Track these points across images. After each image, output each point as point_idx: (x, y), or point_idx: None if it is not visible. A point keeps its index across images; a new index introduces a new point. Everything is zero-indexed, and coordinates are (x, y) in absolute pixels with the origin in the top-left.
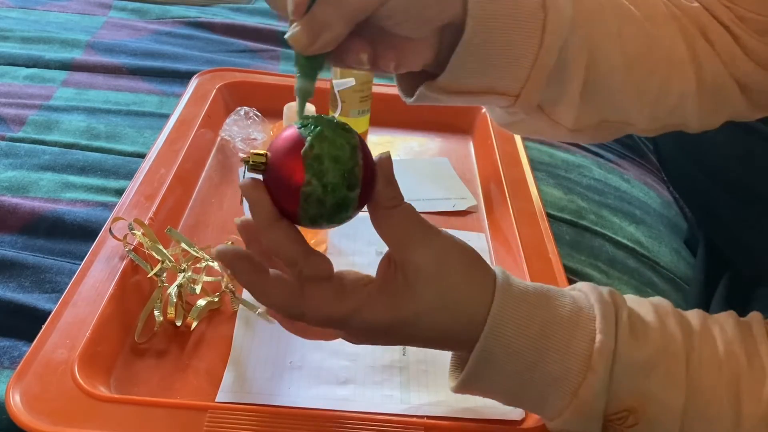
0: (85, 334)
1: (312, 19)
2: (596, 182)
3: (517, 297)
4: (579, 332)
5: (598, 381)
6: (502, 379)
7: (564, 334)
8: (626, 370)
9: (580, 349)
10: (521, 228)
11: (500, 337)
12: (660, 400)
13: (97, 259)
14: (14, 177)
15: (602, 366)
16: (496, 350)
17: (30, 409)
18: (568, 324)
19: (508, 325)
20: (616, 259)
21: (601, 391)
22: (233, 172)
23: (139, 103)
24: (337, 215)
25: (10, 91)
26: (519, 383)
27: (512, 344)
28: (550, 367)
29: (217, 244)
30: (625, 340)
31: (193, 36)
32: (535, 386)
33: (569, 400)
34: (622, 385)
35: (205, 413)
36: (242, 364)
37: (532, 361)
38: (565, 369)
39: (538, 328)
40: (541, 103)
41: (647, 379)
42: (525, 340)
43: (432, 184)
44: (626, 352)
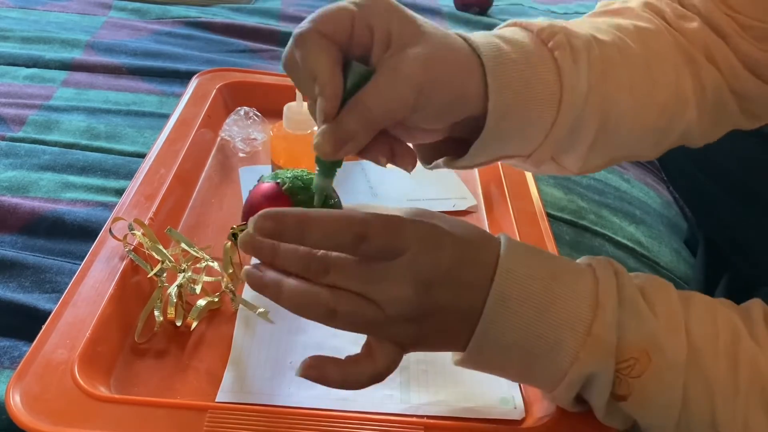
0: (85, 335)
1: (337, 129)
2: (596, 182)
3: (522, 245)
4: (583, 277)
5: (609, 316)
6: (517, 326)
7: (570, 277)
8: (633, 316)
9: (586, 291)
10: (521, 228)
11: (514, 278)
12: (665, 349)
13: (97, 260)
14: (14, 177)
15: (610, 303)
16: (511, 292)
17: (30, 409)
18: (572, 272)
19: (520, 267)
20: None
21: (612, 325)
22: (233, 172)
23: (139, 103)
24: None
25: (10, 91)
26: (533, 329)
27: (525, 286)
28: (562, 308)
29: (217, 244)
30: (628, 286)
31: (193, 36)
32: (549, 329)
33: (584, 340)
34: (630, 331)
35: (205, 413)
36: (242, 364)
37: (545, 302)
38: (576, 308)
39: (547, 272)
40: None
41: (652, 325)
42: (536, 282)
43: (432, 184)
44: (632, 299)
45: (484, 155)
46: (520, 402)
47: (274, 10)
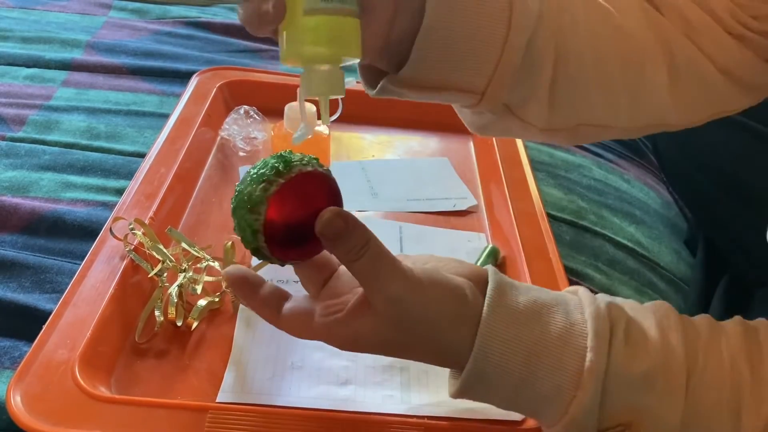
0: (85, 335)
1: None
2: (596, 182)
3: (506, 318)
4: (569, 350)
5: (588, 399)
6: (494, 395)
7: (554, 352)
8: (621, 385)
9: (570, 367)
10: (521, 228)
11: (490, 357)
12: (657, 414)
13: (98, 259)
14: (14, 177)
15: (592, 385)
16: (487, 369)
17: (30, 409)
18: (559, 342)
19: (497, 346)
20: (616, 259)
21: (592, 409)
22: (233, 172)
23: (139, 103)
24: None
25: (11, 91)
26: (512, 398)
27: (502, 363)
28: (541, 385)
29: (217, 244)
30: (620, 355)
31: (193, 36)
32: (528, 402)
33: (561, 415)
34: (617, 401)
35: (206, 413)
36: (243, 364)
37: (523, 379)
38: (555, 387)
39: (527, 348)
40: (510, 104)
41: (644, 393)
42: (515, 359)
43: (432, 184)
44: (621, 367)
45: (428, 68)
46: None
47: None
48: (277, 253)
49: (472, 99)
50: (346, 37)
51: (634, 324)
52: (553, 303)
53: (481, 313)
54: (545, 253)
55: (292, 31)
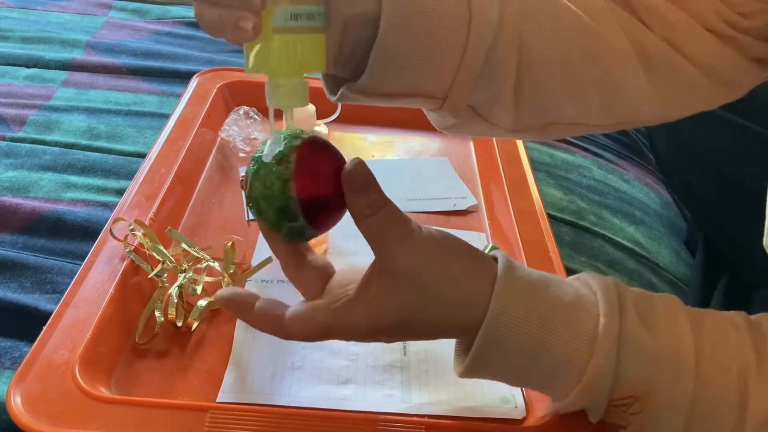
0: (85, 335)
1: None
2: (596, 183)
3: (521, 280)
4: (583, 315)
5: (604, 363)
6: (507, 362)
7: (568, 316)
8: (634, 354)
9: (584, 331)
10: (521, 228)
11: (505, 318)
12: (667, 390)
13: (98, 260)
14: (15, 177)
15: (607, 348)
16: (502, 331)
17: (31, 410)
18: (572, 308)
19: (513, 306)
20: (615, 260)
21: (607, 374)
22: (234, 172)
23: (139, 103)
24: (296, 239)
25: (11, 92)
26: (525, 366)
27: (517, 326)
28: (556, 350)
29: (217, 244)
30: (633, 324)
31: (193, 36)
32: (541, 369)
33: (575, 383)
34: (630, 370)
35: (206, 414)
36: (243, 364)
37: (538, 344)
38: (570, 351)
39: (542, 311)
40: (475, 106)
41: (655, 366)
42: (530, 322)
43: (432, 184)
44: (634, 336)
45: (387, 75)
46: (521, 401)
47: None
48: (309, 203)
49: (434, 104)
50: (313, 53)
51: (641, 299)
52: (561, 278)
53: (496, 274)
54: (545, 252)
55: (259, 47)
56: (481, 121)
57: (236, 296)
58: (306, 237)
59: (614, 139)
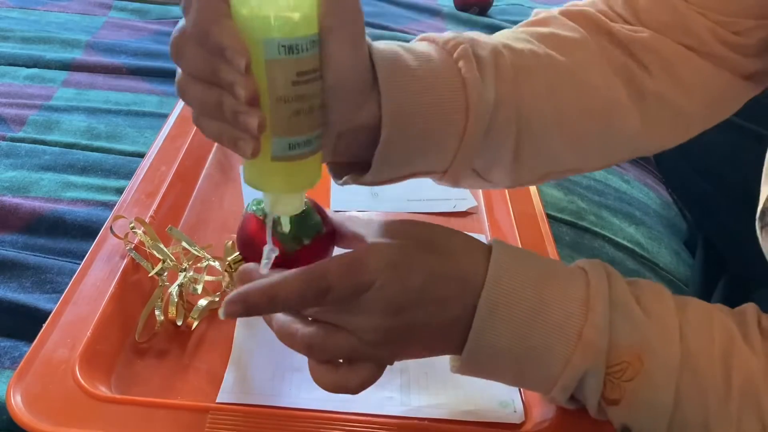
0: (85, 334)
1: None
2: (596, 183)
3: (513, 253)
4: (574, 280)
5: (600, 319)
6: (507, 333)
7: (561, 282)
8: (624, 317)
9: (577, 294)
10: (521, 229)
11: (502, 286)
12: (657, 353)
13: (98, 258)
14: (15, 177)
15: (600, 306)
16: (500, 299)
17: (31, 409)
18: (563, 276)
19: (509, 275)
20: (615, 260)
21: (604, 329)
22: (234, 171)
23: (139, 103)
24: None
25: (11, 91)
26: (524, 334)
27: (514, 293)
28: (553, 313)
29: (218, 243)
30: (622, 291)
31: None
32: (540, 335)
33: (575, 344)
34: (621, 334)
35: (206, 414)
36: (243, 364)
37: (535, 308)
38: (566, 312)
39: (536, 278)
40: (476, 169)
41: (645, 329)
42: (526, 288)
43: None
44: (623, 302)
45: (391, 168)
46: (520, 405)
47: None
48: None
49: (435, 177)
50: (310, 173)
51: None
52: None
53: (489, 249)
54: (545, 254)
55: (257, 167)
56: (480, 181)
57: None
58: None
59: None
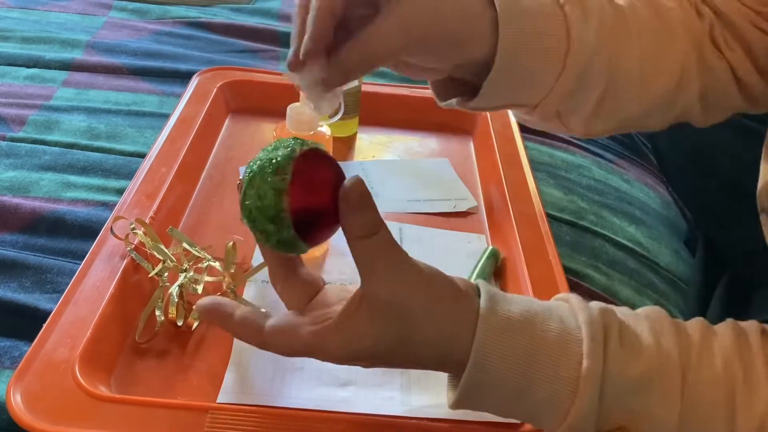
0: (85, 334)
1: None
2: (596, 183)
3: (502, 325)
4: (565, 357)
5: (586, 405)
6: (493, 405)
7: (551, 359)
8: (617, 389)
9: (567, 373)
10: (521, 229)
11: (486, 368)
12: (653, 417)
13: (98, 258)
14: (15, 177)
15: (589, 391)
16: (484, 380)
17: (31, 408)
18: (555, 349)
19: (494, 355)
20: (616, 259)
21: (590, 414)
22: (234, 172)
23: (139, 103)
24: (289, 251)
25: (11, 91)
26: (510, 407)
27: (499, 374)
28: (539, 393)
29: (218, 244)
30: (616, 359)
31: (193, 36)
32: (527, 409)
33: (560, 422)
34: (615, 405)
35: (206, 414)
36: (243, 364)
37: (521, 388)
38: (553, 393)
39: (524, 356)
40: (560, 111)
41: (640, 396)
42: (512, 369)
43: (432, 185)
44: (617, 371)
45: (495, 99)
46: None
47: (274, 10)
48: (301, 217)
49: (526, 111)
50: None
51: (627, 328)
52: (546, 311)
53: (478, 314)
54: (545, 255)
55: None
56: (558, 124)
57: (216, 305)
58: (296, 250)
59: (614, 139)
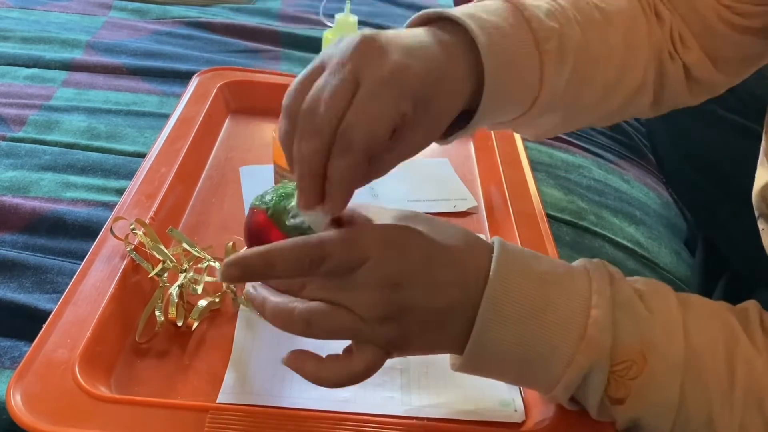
0: (85, 334)
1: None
2: (596, 183)
3: (516, 250)
4: (577, 279)
5: (603, 317)
6: (510, 331)
7: (563, 281)
8: (628, 315)
9: (580, 291)
10: (521, 230)
11: (506, 284)
12: (661, 351)
13: (98, 259)
14: (15, 177)
15: (603, 304)
16: (504, 297)
17: (31, 409)
18: (566, 274)
19: (512, 273)
20: (615, 260)
21: (607, 327)
22: (234, 172)
23: (139, 103)
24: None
25: (11, 91)
26: (528, 333)
27: (518, 290)
28: (556, 311)
29: (218, 244)
30: (625, 289)
31: (193, 36)
32: (544, 334)
33: (578, 342)
34: (625, 331)
35: (206, 414)
36: (243, 365)
37: (538, 306)
38: (570, 310)
39: (539, 276)
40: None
41: (649, 326)
42: (529, 286)
43: (432, 185)
44: (625, 297)
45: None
46: (521, 404)
47: (274, 10)
48: None
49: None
50: None
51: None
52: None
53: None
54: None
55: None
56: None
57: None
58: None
59: (614, 139)
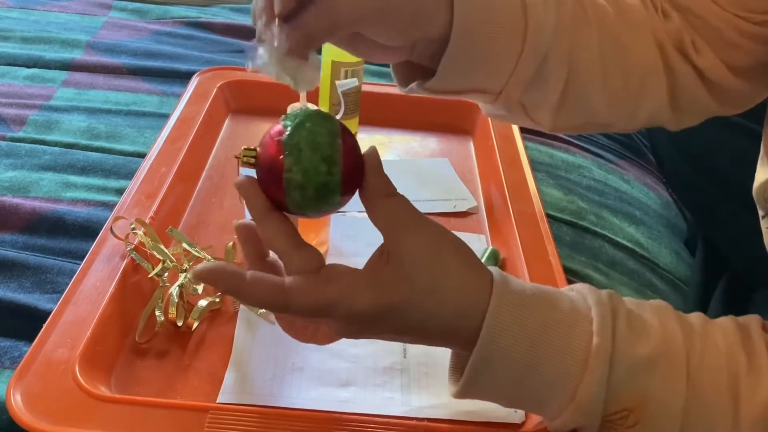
0: (85, 334)
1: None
2: (596, 183)
3: (515, 300)
4: (576, 334)
5: (596, 383)
6: (500, 384)
7: (561, 336)
8: (626, 369)
9: (577, 350)
10: (521, 229)
11: (498, 343)
12: (660, 399)
13: (98, 259)
14: (15, 177)
15: (599, 368)
16: (494, 356)
17: (31, 408)
18: (565, 326)
19: (506, 330)
20: (615, 260)
21: (599, 393)
22: (234, 172)
23: (139, 103)
24: (322, 201)
25: (11, 92)
26: (518, 387)
27: (510, 350)
28: (548, 370)
29: (218, 244)
30: (624, 340)
31: (193, 36)
32: (534, 389)
33: (567, 402)
34: (622, 385)
35: (206, 414)
36: (243, 365)
37: (530, 365)
38: (562, 371)
39: (535, 332)
40: (525, 104)
41: (648, 377)
42: (522, 345)
43: (432, 185)
44: (625, 351)
45: (453, 79)
46: None
47: None
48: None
49: (489, 99)
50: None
51: (633, 312)
52: (556, 292)
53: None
54: (545, 255)
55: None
56: (526, 119)
57: (221, 267)
58: (331, 201)
59: (614, 139)
